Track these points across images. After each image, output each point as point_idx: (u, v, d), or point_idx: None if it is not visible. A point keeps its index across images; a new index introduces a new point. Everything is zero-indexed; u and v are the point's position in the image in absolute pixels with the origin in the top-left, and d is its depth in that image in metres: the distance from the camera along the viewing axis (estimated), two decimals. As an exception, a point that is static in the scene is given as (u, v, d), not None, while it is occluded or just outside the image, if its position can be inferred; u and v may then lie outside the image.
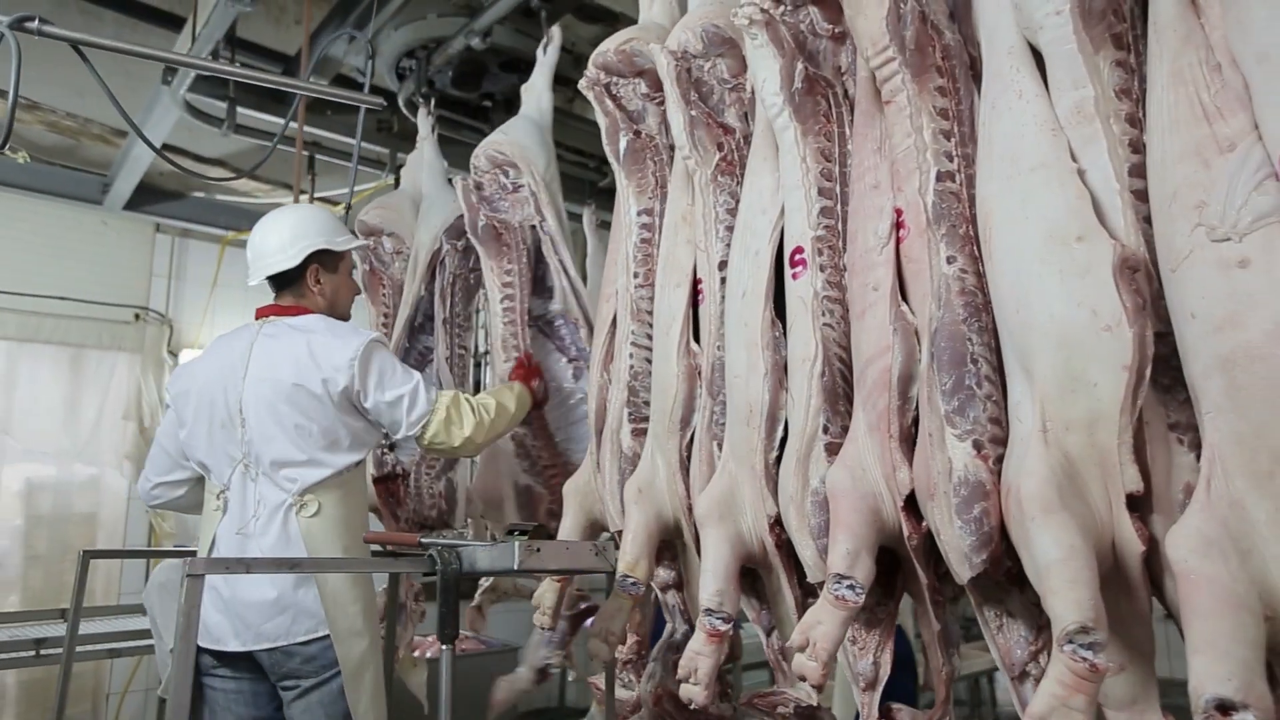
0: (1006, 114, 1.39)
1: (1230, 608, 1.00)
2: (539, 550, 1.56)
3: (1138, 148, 1.29)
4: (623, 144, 2.04)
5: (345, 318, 2.40)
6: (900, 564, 1.55)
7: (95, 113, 4.55)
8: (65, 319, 4.89)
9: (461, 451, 2.31)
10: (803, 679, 1.37)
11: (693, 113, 1.84)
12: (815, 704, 1.60)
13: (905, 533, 1.42)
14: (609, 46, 2.06)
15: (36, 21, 1.65)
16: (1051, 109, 1.35)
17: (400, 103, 3.54)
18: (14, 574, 4.84)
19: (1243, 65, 1.12)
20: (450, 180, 3.18)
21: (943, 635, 1.47)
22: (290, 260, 2.29)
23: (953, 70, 1.51)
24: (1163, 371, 1.23)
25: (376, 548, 2.03)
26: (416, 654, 3.35)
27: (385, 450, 2.88)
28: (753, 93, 1.81)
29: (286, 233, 2.31)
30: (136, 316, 5.07)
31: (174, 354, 5.13)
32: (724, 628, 1.53)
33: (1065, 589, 1.13)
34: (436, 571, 1.55)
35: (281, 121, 3.89)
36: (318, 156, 4.26)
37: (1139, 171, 1.28)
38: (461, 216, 3.03)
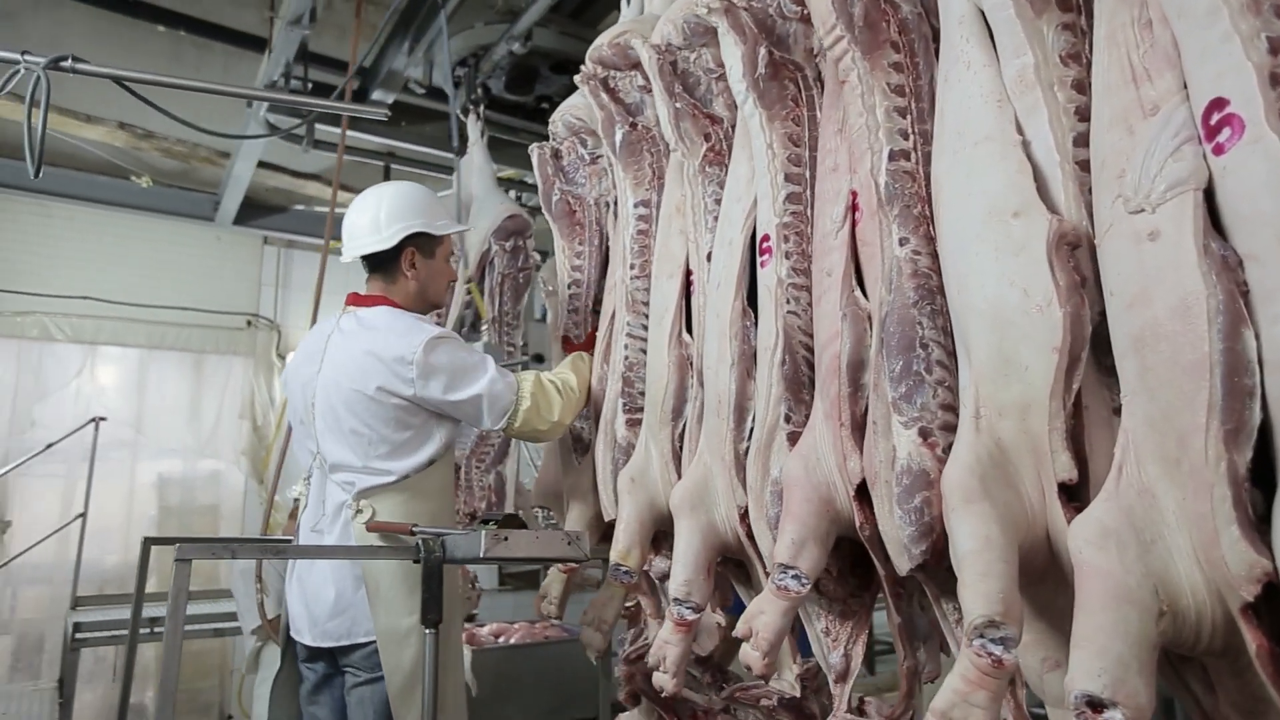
0: (956, 86, 1.33)
1: (1115, 602, 0.93)
2: (506, 539, 1.60)
3: (1085, 115, 1.20)
4: (618, 136, 2.05)
5: (439, 305, 2.32)
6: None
7: (201, 137, 4.96)
8: (187, 327, 5.36)
9: (549, 435, 2.16)
10: (749, 669, 1.36)
11: (677, 105, 1.83)
12: (799, 695, 1.57)
13: (857, 522, 1.38)
14: (603, 40, 2.08)
15: (70, 60, 1.82)
16: (1000, 79, 1.28)
17: (457, 110, 3.67)
18: (150, 561, 5.34)
19: (1169, 21, 1.03)
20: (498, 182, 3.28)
21: (904, 628, 1.43)
22: (385, 242, 2.12)
23: (910, 44, 1.45)
24: (1106, 352, 1.14)
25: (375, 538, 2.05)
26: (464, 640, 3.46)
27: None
28: (741, 81, 1.79)
29: (383, 211, 2.14)
30: (248, 323, 5.50)
31: (282, 357, 5.52)
32: (692, 617, 1.54)
33: (976, 581, 1.08)
34: (420, 559, 1.61)
35: (358, 135, 4.12)
36: (393, 166, 4.46)
37: (1086, 140, 1.19)
38: (509, 217, 3.13)
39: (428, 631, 1.61)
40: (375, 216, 2.15)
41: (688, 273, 1.88)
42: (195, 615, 4.05)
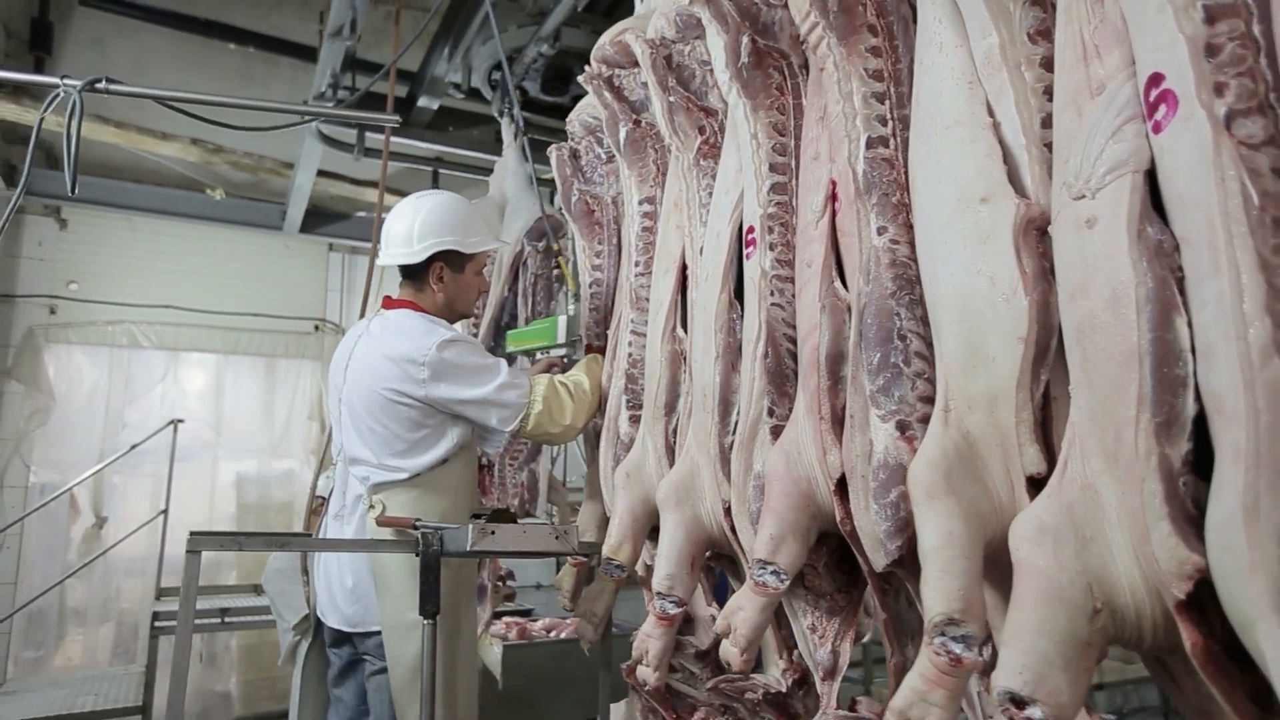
0: (930, 69, 1.30)
1: (1044, 600, 0.90)
2: (493, 533, 1.64)
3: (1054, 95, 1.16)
4: (622, 134, 2.06)
5: (467, 315, 2.37)
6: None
7: (268, 150, 5.20)
8: (260, 333, 5.62)
9: (562, 438, 2.19)
10: (728, 665, 1.36)
11: (671, 98, 1.83)
12: (785, 690, 1.56)
13: (838, 517, 1.36)
14: (605, 39, 2.09)
15: (105, 81, 1.94)
16: (971, 61, 1.25)
17: (496, 112, 3.74)
18: (231, 556, 5.64)
19: (1117, -10, 0.98)
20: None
21: (891, 625, 1.39)
22: (414, 256, 2.19)
23: (889, 27, 1.42)
24: (1074, 340, 1.10)
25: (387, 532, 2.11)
26: (494, 633, 3.52)
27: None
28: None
29: (416, 225, 2.19)
30: (316, 327, 5.73)
31: (348, 359, 5.74)
32: (674, 611, 1.54)
33: (936, 578, 1.06)
34: (419, 552, 1.67)
35: (406, 141, 4.25)
36: (441, 170, 4.58)
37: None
38: (541, 219, 3.17)
39: (425, 623, 1.67)
40: (409, 229, 2.21)
41: (683, 267, 1.88)
42: (267, 607, 4.26)
